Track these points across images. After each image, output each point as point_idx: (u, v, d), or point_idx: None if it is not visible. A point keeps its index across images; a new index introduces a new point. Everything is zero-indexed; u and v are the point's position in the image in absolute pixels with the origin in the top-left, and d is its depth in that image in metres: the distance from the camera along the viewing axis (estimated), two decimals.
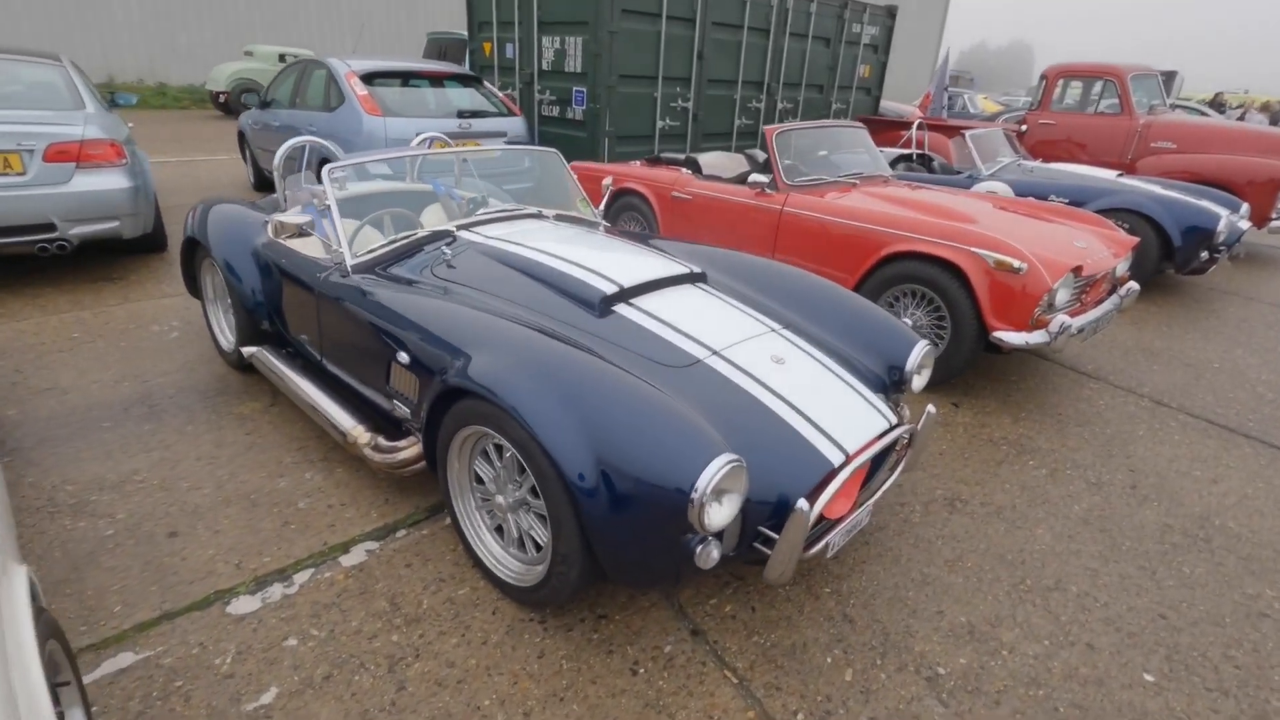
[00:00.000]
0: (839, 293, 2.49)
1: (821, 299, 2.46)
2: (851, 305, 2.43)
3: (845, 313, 2.40)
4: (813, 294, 2.48)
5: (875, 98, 10.61)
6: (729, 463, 1.51)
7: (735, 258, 2.72)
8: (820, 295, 2.47)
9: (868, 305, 2.43)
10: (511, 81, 7.78)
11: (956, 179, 6.00)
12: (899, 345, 2.28)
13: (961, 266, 3.14)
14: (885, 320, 2.37)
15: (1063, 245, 3.30)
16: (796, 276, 2.58)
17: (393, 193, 3.39)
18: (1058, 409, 3.34)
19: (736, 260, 2.70)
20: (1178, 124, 6.87)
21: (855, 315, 2.39)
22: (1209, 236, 4.88)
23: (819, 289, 2.51)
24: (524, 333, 1.87)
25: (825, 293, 2.49)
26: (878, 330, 2.34)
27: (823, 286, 2.52)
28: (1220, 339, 4.46)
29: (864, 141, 4.58)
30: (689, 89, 7.62)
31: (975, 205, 3.84)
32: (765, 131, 4.01)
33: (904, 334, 2.32)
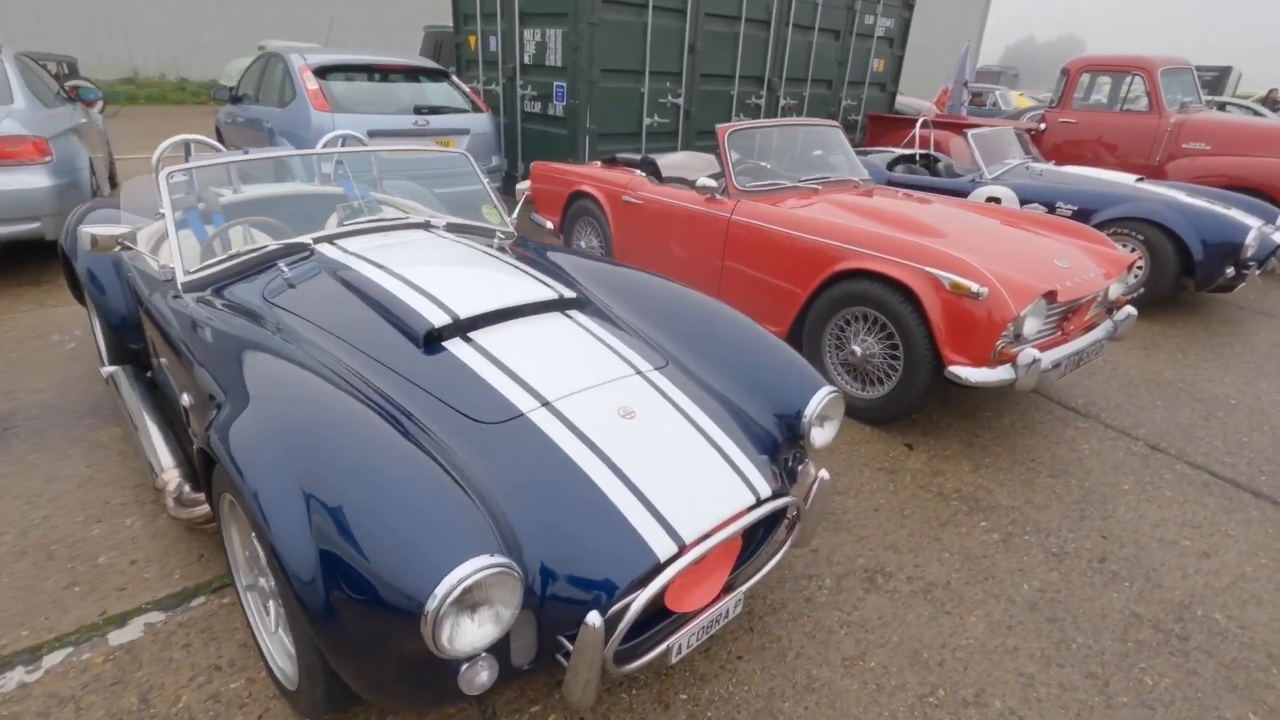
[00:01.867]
0: (741, 326, 2.10)
1: (719, 332, 2.08)
2: (753, 341, 2.05)
3: (743, 350, 2.01)
4: (711, 326, 2.10)
5: (891, 94, 10.05)
6: (484, 569, 1.16)
7: (635, 280, 2.35)
8: (719, 328, 2.09)
9: (773, 343, 2.05)
10: (495, 76, 7.48)
11: (957, 182, 5.50)
12: (799, 390, 1.88)
13: (913, 288, 2.71)
14: (788, 361, 1.98)
15: (1039, 265, 2.84)
16: (698, 305, 2.20)
17: (292, 197, 3.10)
18: (1031, 454, 2.89)
19: (635, 283, 2.33)
20: (1212, 123, 6.24)
21: (755, 353, 2.00)
22: (1235, 250, 4.32)
23: (719, 321, 2.13)
24: (301, 388, 1.53)
25: (725, 325, 2.10)
26: (778, 371, 1.95)
27: (724, 318, 2.14)
28: (1242, 369, 3.92)
29: (837, 142, 4.14)
30: (680, 84, 7.21)
31: (952, 216, 3.39)
32: (718, 130, 3.61)
33: (806, 377, 1.92)
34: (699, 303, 2.22)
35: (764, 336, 2.08)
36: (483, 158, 5.58)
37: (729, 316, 2.15)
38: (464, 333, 1.84)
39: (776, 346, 2.04)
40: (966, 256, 2.68)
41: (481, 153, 5.57)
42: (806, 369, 1.96)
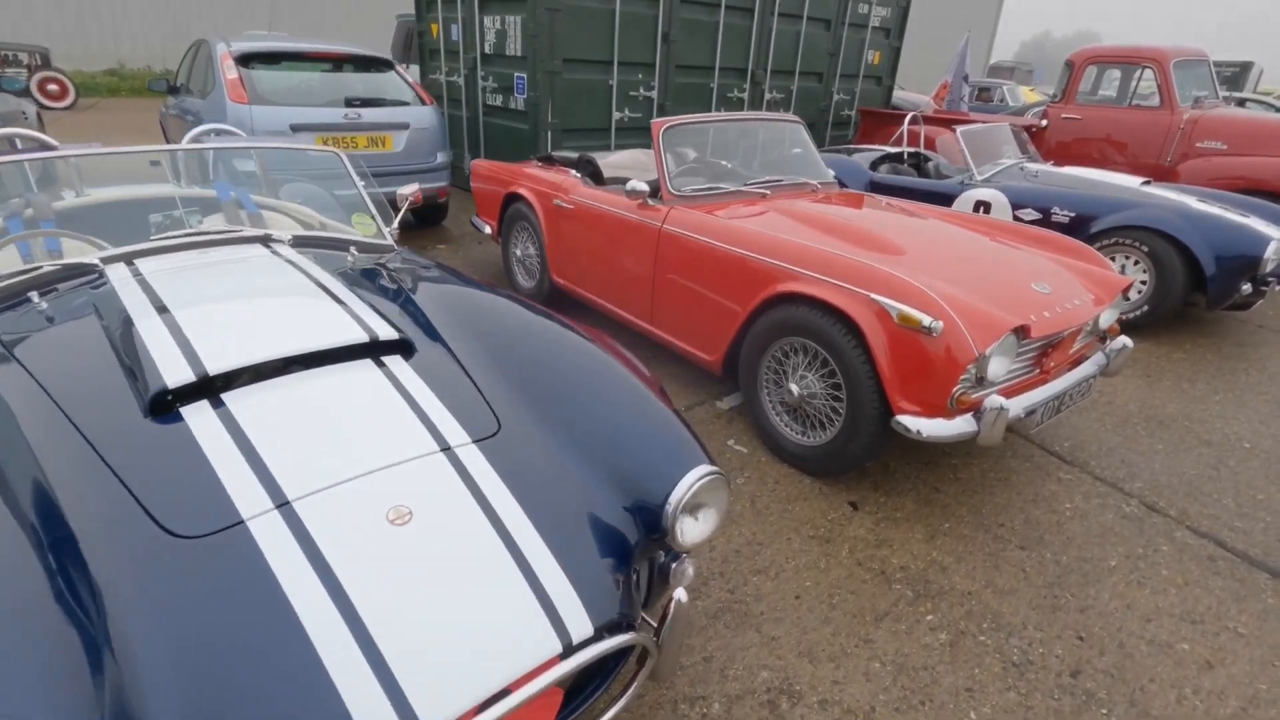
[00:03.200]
0: (613, 380, 1.65)
1: (584, 387, 1.62)
2: (623, 400, 1.60)
3: (608, 411, 1.56)
4: (575, 379, 1.65)
5: (887, 87, 9.51)
6: None
7: (506, 315, 1.91)
8: (585, 381, 1.64)
9: (646, 404, 1.60)
10: (457, 67, 7.03)
11: (944, 184, 5.01)
12: (666, 469, 1.43)
13: (855, 318, 2.23)
14: (660, 428, 1.53)
15: (1013, 291, 2.35)
16: (569, 349, 1.75)
17: (145, 201, 2.66)
18: (1000, 516, 2.41)
19: (504, 319, 1.87)
20: (1230, 120, 5.69)
21: (621, 416, 1.55)
22: (1252, 264, 3.80)
23: (588, 371, 1.68)
24: None
25: (593, 378, 1.65)
26: (646, 442, 1.50)
27: (594, 368, 1.69)
28: (1259, 403, 3.41)
29: (799, 140, 3.65)
30: (654, 76, 6.73)
31: (919, 229, 2.91)
32: (652, 126, 3.14)
33: (677, 452, 1.47)
34: (571, 347, 1.77)
35: (638, 394, 1.62)
36: (426, 154, 5.13)
37: (600, 367, 1.70)
38: (217, 393, 1.40)
39: (649, 409, 1.58)
40: (921, 281, 2.20)
41: (425, 149, 5.12)
42: (680, 441, 1.51)
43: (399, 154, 4.98)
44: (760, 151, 3.64)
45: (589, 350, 1.76)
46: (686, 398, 3.13)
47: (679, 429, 1.54)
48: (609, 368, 1.70)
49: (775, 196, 3.18)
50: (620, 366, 1.71)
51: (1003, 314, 2.14)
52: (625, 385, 1.65)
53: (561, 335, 1.82)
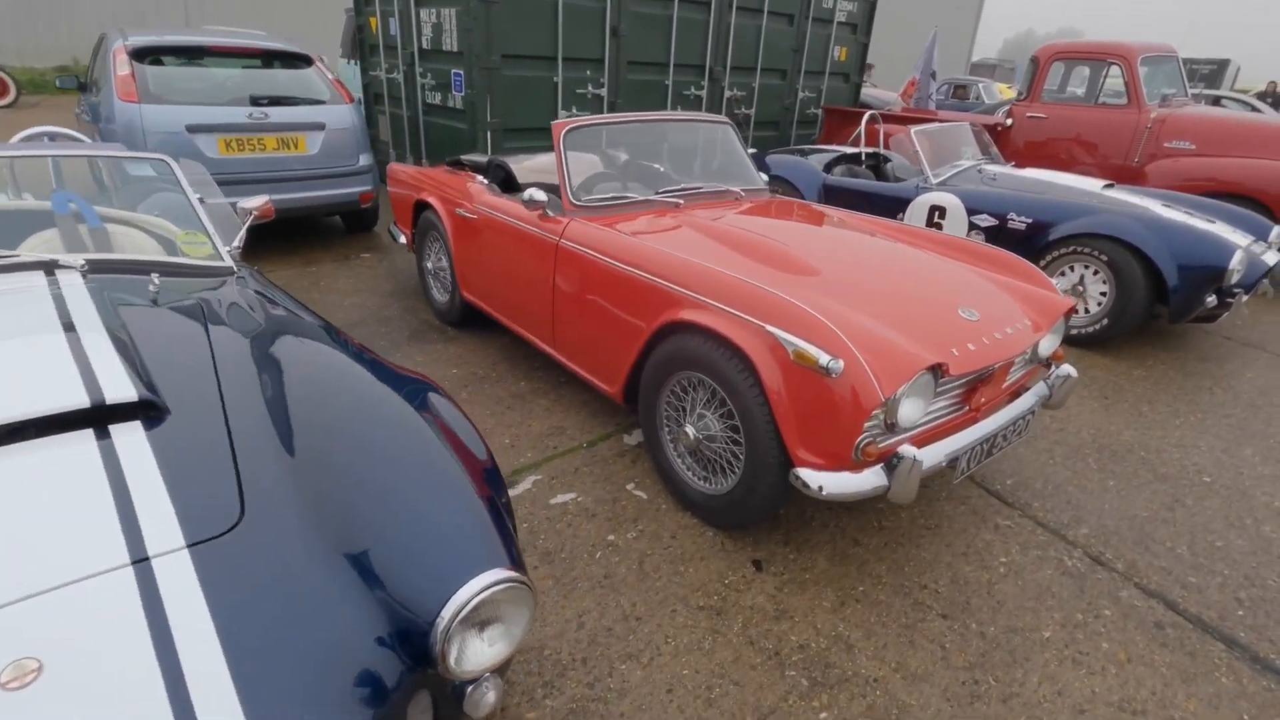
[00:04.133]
0: (417, 461, 1.33)
1: (375, 468, 1.30)
2: (417, 488, 1.27)
3: (394, 504, 1.23)
4: (364, 458, 1.32)
5: (855, 85, 9.22)
6: None
7: (311, 370, 1.59)
8: (377, 462, 1.32)
9: (443, 481, 1.29)
10: (396, 63, 6.66)
11: (899, 188, 4.73)
12: (445, 580, 1.12)
13: (747, 353, 1.92)
14: (453, 527, 1.21)
15: (934, 319, 2.05)
16: (370, 418, 1.43)
17: None
18: (925, 574, 2.11)
19: (302, 377, 1.55)
20: (1198, 119, 5.45)
21: (409, 509, 1.23)
22: (1217, 275, 3.54)
23: (385, 448, 1.35)
24: None
25: (387, 458, 1.33)
26: (431, 545, 1.18)
27: (395, 443, 1.37)
28: (1222, 428, 3.14)
29: (727, 144, 3.34)
30: (603, 73, 6.40)
31: (845, 244, 2.61)
32: (553, 127, 2.82)
33: (464, 557, 1.16)
34: (373, 414, 1.44)
35: (439, 478, 1.30)
36: (346, 156, 4.78)
37: (401, 442, 1.37)
38: None
39: (446, 498, 1.27)
40: (826, 310, 1.89)
41: (344, 151, 4.76)
42: (471, 539, 1.19)
43: (315, 156, 4.62)
44: (683, 156, 3.32)
45: (395, 418, 1.43)
46: (592, 430, 2.81)
47: (477, 523, 1.23)
48: (415, 443, 1.37)
49: (691, 207, 2.86)
50: (432, 440, 1.38)
51: (917, 350, 1.83)
52: (427, 466, 1.32)
53: (371, 398, 1.49)
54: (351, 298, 4.20)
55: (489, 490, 1.34)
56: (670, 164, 3.25)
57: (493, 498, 1.33)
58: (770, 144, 8.36)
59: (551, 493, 2.39)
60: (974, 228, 4.32)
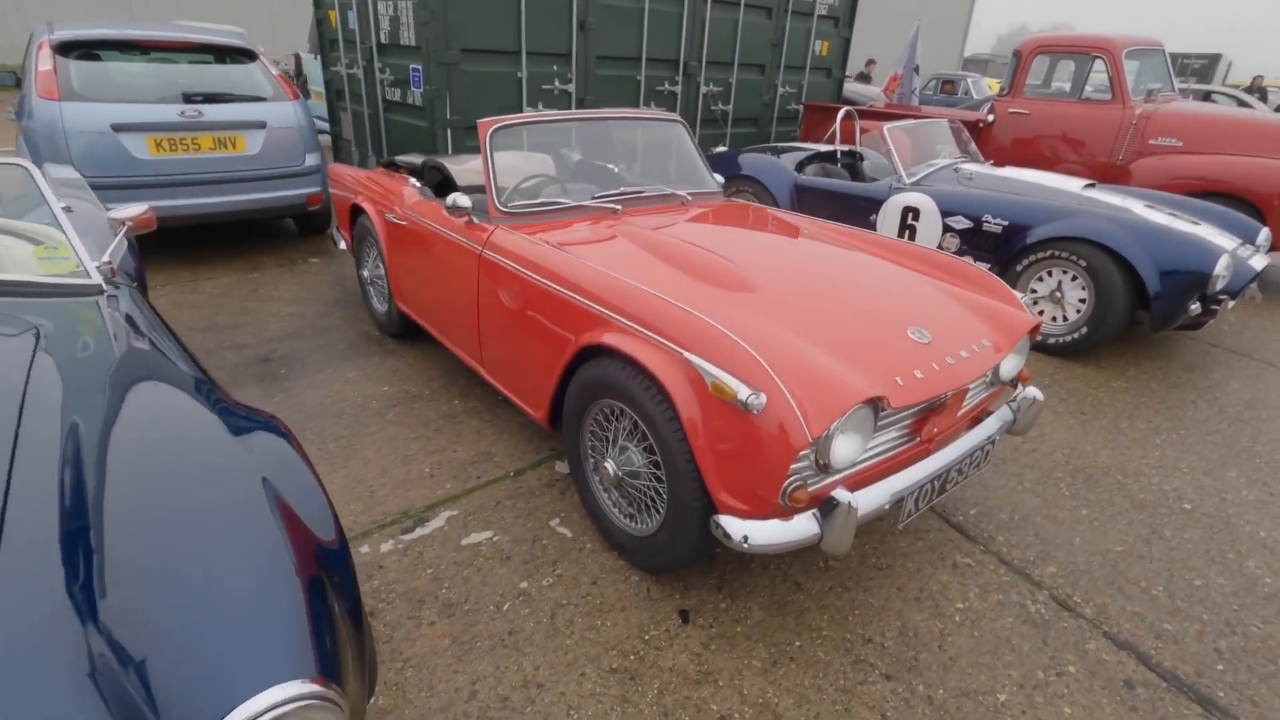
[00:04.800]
0: (226, 537, 1.11)
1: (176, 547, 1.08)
2: (217, 572, 1.05)
3: (186, 594, 1.01)
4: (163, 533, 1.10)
5: (837, 80, 8.99)
6: None
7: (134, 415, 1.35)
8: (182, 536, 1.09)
9: (251, 577, 1.06)
10: (355, 58, 6.41)
11: (872, 188, 4.51)
12: (217, 696, 0.89)
13: (664, 384, 1.70)
14: (247, 625, 0.99)
15: (878, 344, 1.83)
16: (180, 483, 1.20)
17: None
18: (871, 624, 1.89)
19: (125, 423, 1.32)
20: (1184, 115, 5.24)
21: (200, 601, 1.01)
22: (1201, 281, 3.33)
23: (194, 522, 1.13)
24: None
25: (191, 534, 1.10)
26: (214, 650, 0.95)
27: (205, 516, 1.14)
28: (1206, 446, 2.94)
29: (678, 144, 3.11)
30: (570, 67, 6.16)
31: (790, 255, 2.39)
32: (479, 126, 2.59)
33: (251, 664, 0.93)
34: (190, 463, 1.22)
35: (245, 541, 1.08)
36: (290, 157, 4.53)
37: (211, 498, 1.15)
38: None
39: (245, 575, 1.04)
40: (751, 335, 1.67)
41: (288, 150, 4.52)
42: (266, 639, 0.96)
43: (255, 157, 4.37)
44: (628, 157, 3.10)
45: (211, 478, 1.20)
46: (523, 456, 2.59)
47: (278, 616, 1.00)
48: (225, 512, 1.14)
49: (631, 213, 2.64)
50: (249, 507, 1.15)
51: (854, 380, 1.61)
52: (231, 540, 1.09)
53: (191, 456, 1.26)
54: (291, 306, 3.96)
55: (317, 569, 1.12)
56: (614, 166, 3.02)
57: (319, 579, 1.10)
58: (749, 141, 8.13)
59: (466, 531, 2.17)
60: (948, 230, 4.11)
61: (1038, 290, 3.81)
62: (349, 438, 2.66)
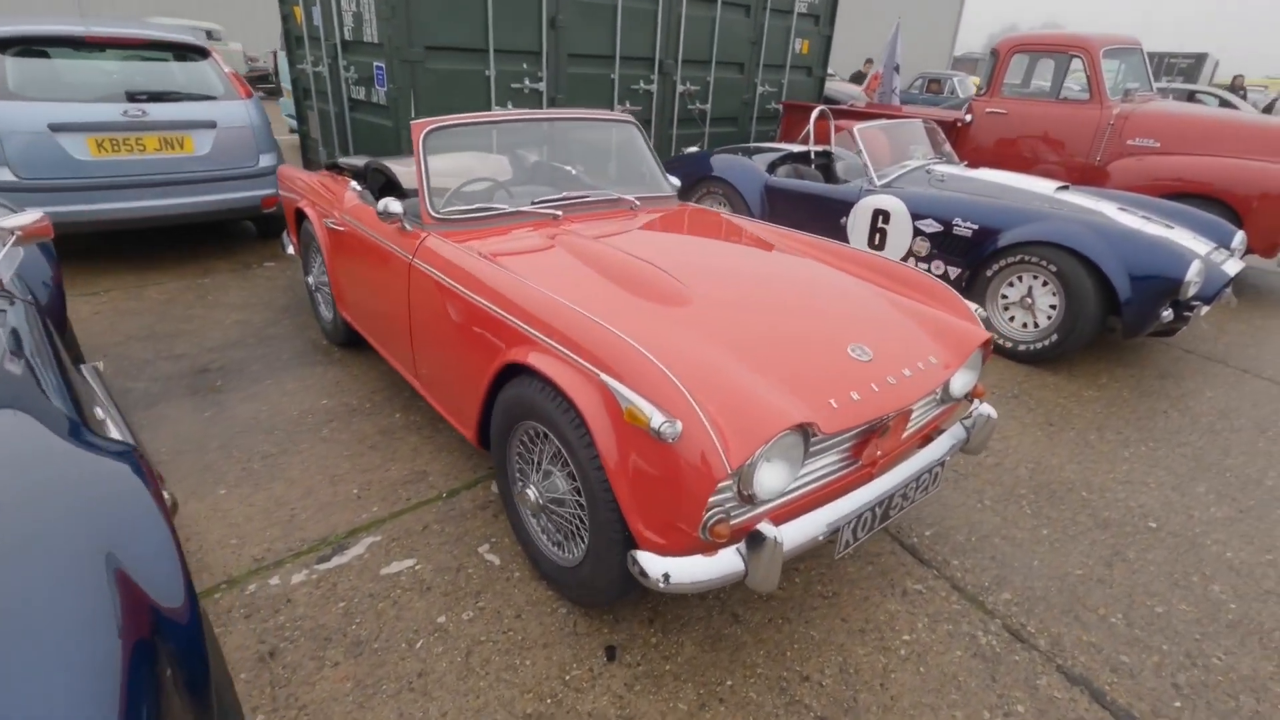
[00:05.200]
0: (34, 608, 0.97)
1: None
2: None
3: None
4: None
5: (819, 79, 8.89)
6: None
7: None
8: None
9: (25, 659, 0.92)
10: (320, 55, 6.26)
11: (842, 190, 4.40)
12: None
13: (580, 409, 1.58)
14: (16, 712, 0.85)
15: (817, 360, 1.71)
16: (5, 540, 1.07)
17: None
18: (809, 660, 1.78)
19: None
20: (1162, 115, 5.16)
21: None
22: (1173, 287, 3.24)
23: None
24: None
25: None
26: None
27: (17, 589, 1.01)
28: (1176, 459, 2.84)
29: (631, 145, 2.99)
30: (541, 66, 6.02)
31: (734, 265, 2.28)
32: (412, 128, 2.46)
33: None
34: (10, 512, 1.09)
35: (56, 604, 0.95)
36: (242, 158, 4.38)
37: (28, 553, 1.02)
38: None
39: (48, 644, 0.91)
40: (672, 355, 1.55)
41: (241, 151, 4.36)
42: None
43: (205, 158, 4.22)
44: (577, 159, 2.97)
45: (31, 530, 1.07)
46: (459, 475, 2.46)
47: (80, 693, 0.87)
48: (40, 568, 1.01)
49: (574, 219, 2.51)
50: (70, 562, 1.02)
51: (780, 405, 1.49)
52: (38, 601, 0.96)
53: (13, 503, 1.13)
54: (239, 313, 3.81)
55: (146, 631, 0.99)
56: (563, 168, 2.89)
57: (149, 644, 0.97)
58: (728, 141, 8.01)
59: (387, 559, 2.04)
60: (919, 233, 4.00)
61: (1009, 296, 3.71)
62: (277, 456, 2.52)
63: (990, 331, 2.01)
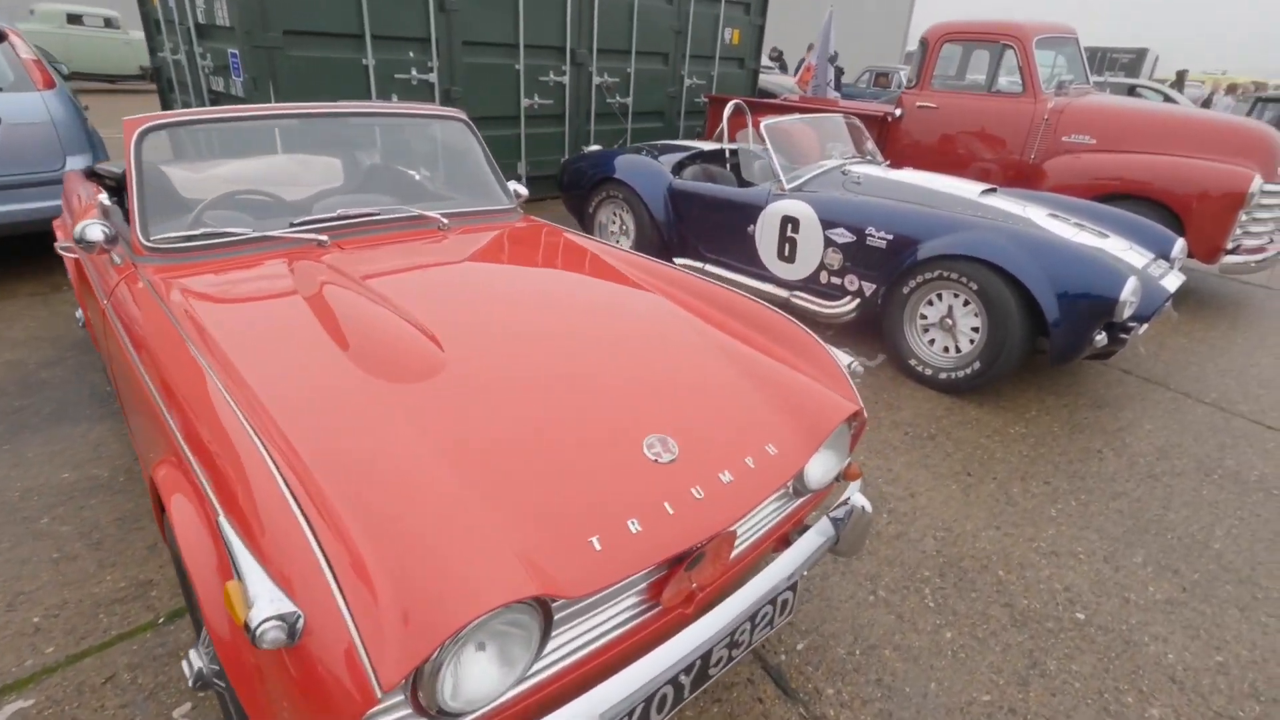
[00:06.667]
0: None
1: None
2: None
3: None
4: None
5: (752, 71, 8.42)
6: None
7: None
8: None
9: None
10: (176, 41, 5.52)
11: (750, 194, 3.90)
12: None
13: (185, 564, 1.03)
14: None
15: (586, 470, 1.18)
16: None
17: None
18: None
19: None
20: (1097, 109, 4.78)
21: None
22: (1106, 308, 2.81)
23: None
24: None
25: None
26: None
27: None
28: (1110, 518, 2.40)
29: (461, 148, 2.42)
30: (431, 54, 5.39)
31: (538, 312, 1.74)
32: (124, 125, 1.85)
33: None
34: None
35: None
36: (39, 160, 3.67)
37: None
38: None
39: None
40: (343, 488, 1.00)
41: (33, 153, 3.65)
42: None
43: None
44: (377, 165, 2.39)
45: None
46: None
47: None
48: None
49: (348, 244, 1.93)
50: None
51: (492, 570, 0.95)
52: None
53: None
54: (14, 351, 3.13)
55: None
56: (353, 176, 2.31)
57: None
58: (654, 137, 7.48)
59: None
60: (830, 244, 3.52)
61: (928, 316, 3.25)
62: None
63: (857, 406, 1.50)
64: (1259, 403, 3.32)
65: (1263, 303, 4.85)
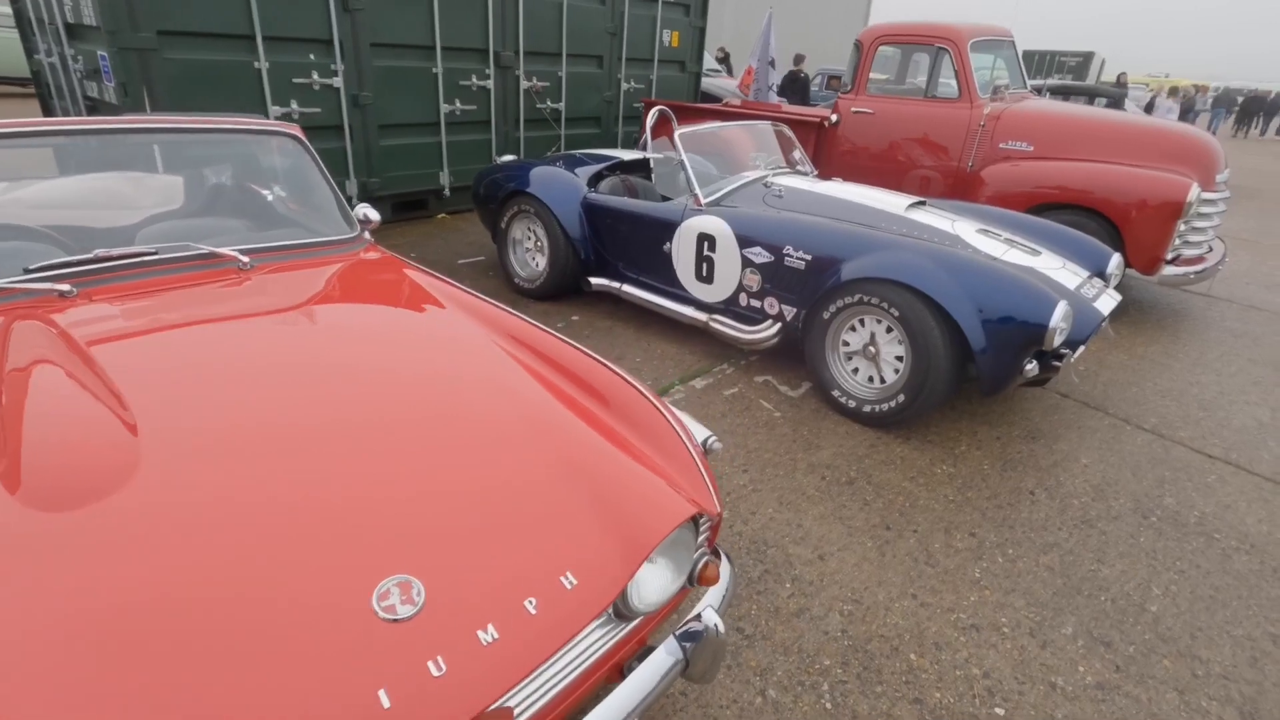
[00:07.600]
0: None
1: None
2: None
3: None
4: None
5: (694, 74, 8.15)
6: None
7: None
8: None
9: None
10: (50, 43, 5.03)
11: (666, 209, 3.60)
12: None
13: None
14: None
15: (267, 647, 0.85)
16: None
17: None
18: None
19: None
20: (1035, 115, 4.60)
21: None
22: (1035, 336, 2.56)
23: None
24: None
25: None
26: None
27: None
28: (1039, 578, 2.14)
29: (292, 168, 2.06)
30: (334, 57, 4.98)
31: (296, 398, 1.39)
32: None
33: None
34: None
35: None
36: None
37: None
38: None
39: None
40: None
41: None
42: None
43: None
44: (202, 188, 2.02)
45: None
46: None
47: None
48: None
49: (104, 292, 1.56)
50: None
51: None
52: None
53: None
54: None
55: None
56: (153, 203, 1.94)
57: None
58: (590, 144, 7.15)
59: None
60: (748, 264, 3.24)
61: (850, 344, 2.99)
62: None
63: (700, 508, 1.19)
64: (1199, 427, 3.13)
65: (1203, 312, 4.72)
